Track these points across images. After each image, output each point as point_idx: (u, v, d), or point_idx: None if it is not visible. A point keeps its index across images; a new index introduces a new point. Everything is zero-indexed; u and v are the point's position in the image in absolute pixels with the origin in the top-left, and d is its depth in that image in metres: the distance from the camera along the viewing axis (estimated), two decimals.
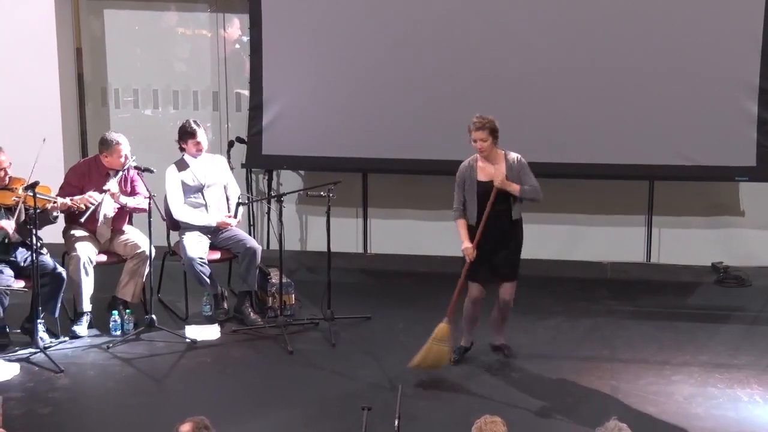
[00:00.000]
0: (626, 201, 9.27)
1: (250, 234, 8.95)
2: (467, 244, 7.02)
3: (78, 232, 7.80)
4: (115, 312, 7.78)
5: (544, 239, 8.62)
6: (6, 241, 7.37)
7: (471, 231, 7.03)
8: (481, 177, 7.02)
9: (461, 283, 7.11)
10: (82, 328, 7.72)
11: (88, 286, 7.71)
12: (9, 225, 7.28)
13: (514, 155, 7.06)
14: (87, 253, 7.71)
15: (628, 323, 8.03)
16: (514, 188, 6.96)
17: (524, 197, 7.02)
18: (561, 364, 7.28)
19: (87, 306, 7.74)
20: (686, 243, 9.24)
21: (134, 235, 7.96)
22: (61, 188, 7.77)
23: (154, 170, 7.83)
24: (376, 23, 8.91)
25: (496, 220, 6.99)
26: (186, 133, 8.00)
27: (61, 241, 7.92)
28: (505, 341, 7.41)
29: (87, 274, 7.69)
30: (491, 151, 6.99)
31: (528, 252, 7.34)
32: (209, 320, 8.03)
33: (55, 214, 7.50)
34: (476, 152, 7.03)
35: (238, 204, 8.17)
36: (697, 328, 7.93)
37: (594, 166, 8.76)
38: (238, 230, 8.16)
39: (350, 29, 8.94)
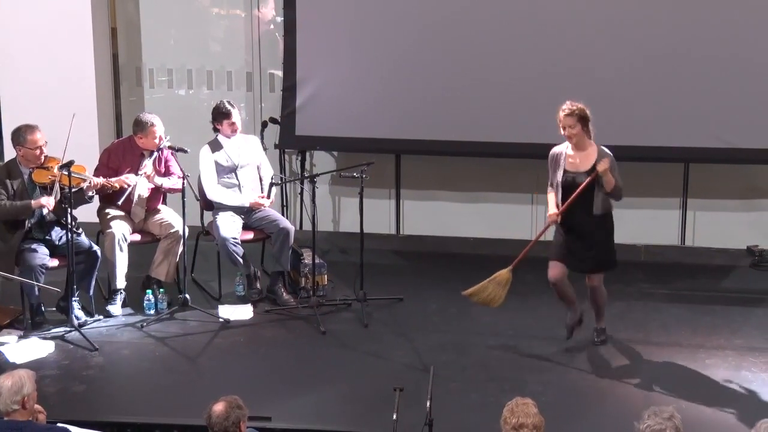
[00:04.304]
0: (661, 183, 9.20)
1: (283, 214, 8.95)
2: (552, 211, 6.89)
3: (113, 211, 7.85)
4: (149, 291, 7.82)
5: None
6: (45, 219, 7.42)
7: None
8: (569, 167, 6.86)
9: (534, 240, 7.04)
10: (116, 307, 7.78)
11: (122, 263, 7.76)
12: (49, 202, 7.33)
13: (607, 151, 6.83)
14: (122, 230, 7.76)
15: (662, 306, 7.99)
16: (611, 180, 6.74)
17: (612, 194, 6.81)
18: (595, 346, 7.24)
19: (121, 283, 7.80)
20: (721, 226, 9.17)
21: (168, 215, 8.00)
22: (96, 169, 7.81)
23: (188, 150, 7.86)
24: (412, 3, 8.87)
25: (582, 214, 6.83)
26: (220, 114, 8.01)
27: (96, 220, 7.98)
28: (602, 325, 7.26)
29: (122, 250, 7.74)
30: (581, 139, 6.80)
31: None
32: (242, 300, 8.07)
33: (90, 193, 7.55)
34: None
35: (271, 184, 8.17)
36: (731, 312, 7.88)
37: (629, 149, 8.65)
38: (271, 210, 8.18)
39: (385, 9, 8.89)
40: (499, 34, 8.77)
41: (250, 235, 8.12)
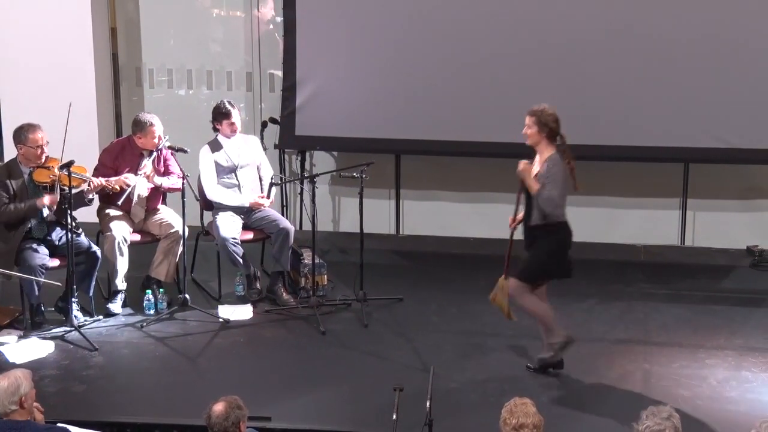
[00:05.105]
0: (661, 184, 9.21)
1: (282, 214, 8.96)
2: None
3: (112, 212, 7.84)
4: (149, 291, 7.82)
5: (579, 222, 8.55)
6: (45, 219, 7.41)
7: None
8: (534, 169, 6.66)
9: (510, 248, 6.84)
10: (116, 307, 7.77)
11: (122, 265, 7.76)
12: (51, 198, 7.33)
13: (555, 161, 6.52)
14: (122, 232, 7.75)
15: (662, 306, 7.98)
16: (532, 185, 6.48)
17: (537, 200, 6.49)
18: (594, 346, 7.24)
19: (121, 284, 7.80)
20: (721, 226, 9.17)
21: (168, 215, 8.00)
22: (95, 169, 7.82)
23: (188, 150, 7.85)
24: (412, 4, 8.87)
25: (526, 219, 6.66)
26: (220, 114, 8.01)
27: (96, 220, 7.98)
28: (543, 353, 6.82)
29: (122, 253, 7.74)
30: (536, 142, 6.60)
31: None
32: (242, 300, 8.07)
33: (90, 196, 7.54)
34: None
35: (271, 184, 8.17)
36: (731, 312, 7.87)
37: (629, 149, 8.70)
38: (271, 211, 8.18)
39: (384, 9, 8.90)
40: (499, 35, 8.78)
41: (250, 235, 8.12)
